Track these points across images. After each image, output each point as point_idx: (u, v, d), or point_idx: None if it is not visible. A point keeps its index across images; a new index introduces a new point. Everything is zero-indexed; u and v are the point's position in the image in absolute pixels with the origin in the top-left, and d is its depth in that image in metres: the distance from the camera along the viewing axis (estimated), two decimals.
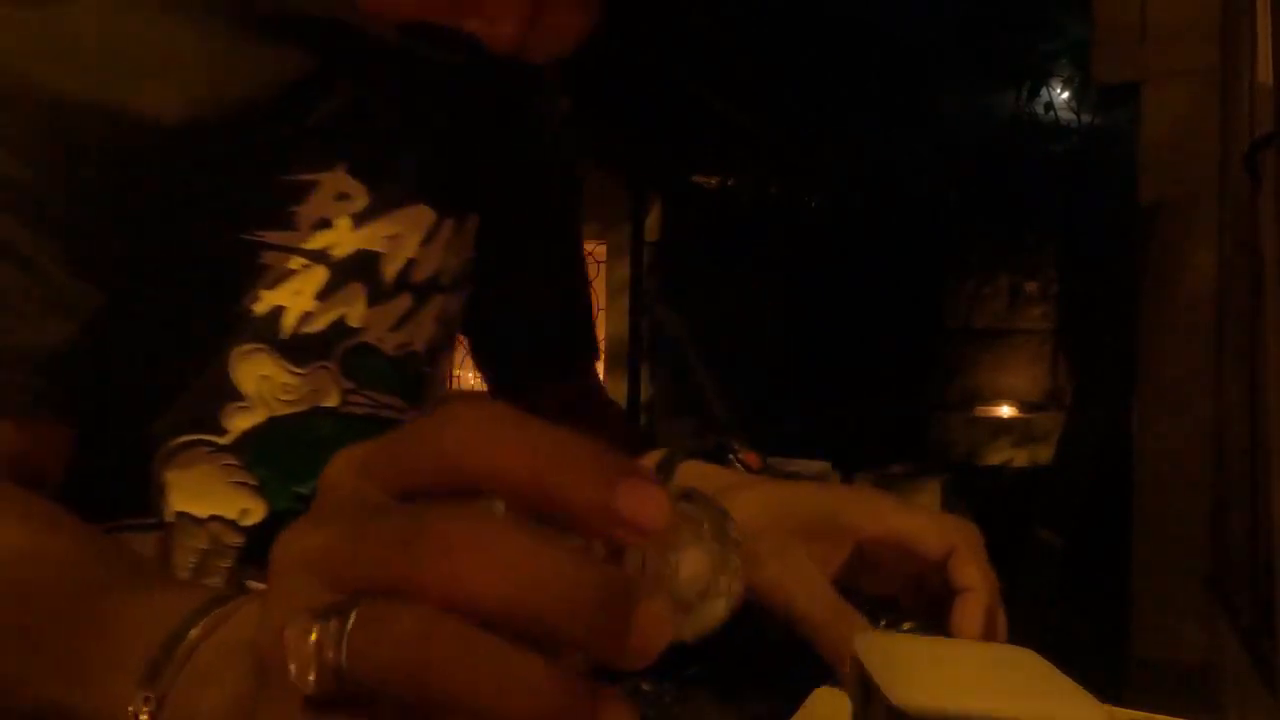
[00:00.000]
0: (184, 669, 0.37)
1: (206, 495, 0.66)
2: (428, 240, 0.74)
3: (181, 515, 0.66)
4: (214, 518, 0.66)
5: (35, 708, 0.43)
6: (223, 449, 0.66)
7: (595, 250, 5.27)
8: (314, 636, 0.26)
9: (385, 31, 0.62)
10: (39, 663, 0.43)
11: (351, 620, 0.26)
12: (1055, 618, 3.32)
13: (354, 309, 0.69)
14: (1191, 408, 2.89)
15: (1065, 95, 7.22)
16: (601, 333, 5.50)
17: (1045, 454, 5.91)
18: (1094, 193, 6.25)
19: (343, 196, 0.68)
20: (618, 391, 4.97)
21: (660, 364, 5.04)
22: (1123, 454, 3.25)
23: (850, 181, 6.81)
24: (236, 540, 0.67)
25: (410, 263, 0.73)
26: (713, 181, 6.22)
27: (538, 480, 0.27)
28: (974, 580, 0.59)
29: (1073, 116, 7.06)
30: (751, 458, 0.59)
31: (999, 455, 5.96)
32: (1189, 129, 2.96)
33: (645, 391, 4.97)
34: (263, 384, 0.66)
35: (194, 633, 0.37)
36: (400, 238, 0.72)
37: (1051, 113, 7.11)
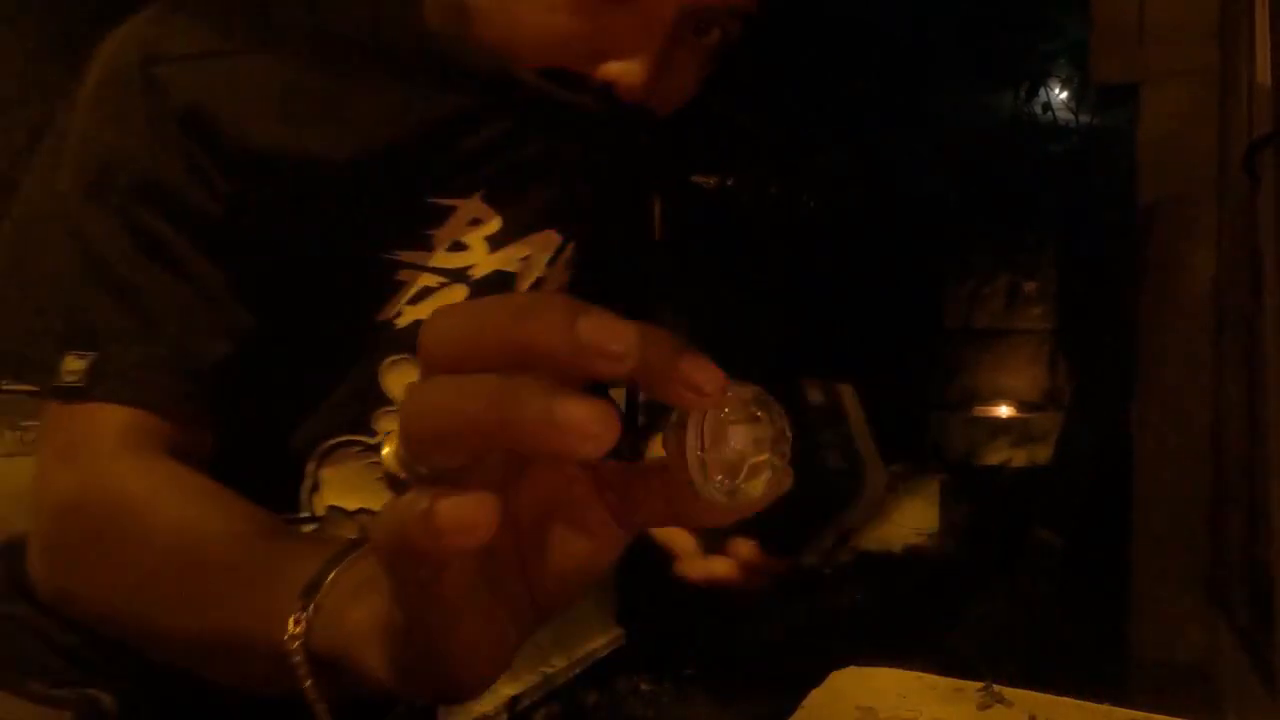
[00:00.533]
0: (334, 588, 0.45)
1: (356, 490, 0.72)
2: (553, 261, 0.81)
3: (333, 509, 0.72)
4: (362, 510, 0.72)
5: (210, 636, 0.52)
6: (372, 448, 0.72)
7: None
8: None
9: (529, 77, 0.68)
10: (215, 597, 0.52)
11: None
12: (1055, 618, 3.32)
13: None
14: (1190, 409, 2.89)
15: (1063, 95, 7.22)
16: None
17: (1044, 454, 5.90)
18: (1093, 193, 6.24)
19: (475, 221, 0.74)
20: (618, 393, 4.95)
21: None
22: (1122, 455, 3.25)
23: (849, 182, 6.80)
24: None
25: (539, 281, 0.80)
26: (711, 181, 6.21)
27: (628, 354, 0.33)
28: None
29: (1070, 117, 7.05)
30: None
31: (997, 455, 5.96)
32: (1188, 129, 2.96)
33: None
34: None
35: (340, 565, 0.46)
36: (531, 259, 0.78)
37: (1049, 113, 7.11)
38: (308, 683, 0.44)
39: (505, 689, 2.72)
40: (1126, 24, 3.05)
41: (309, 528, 0.72)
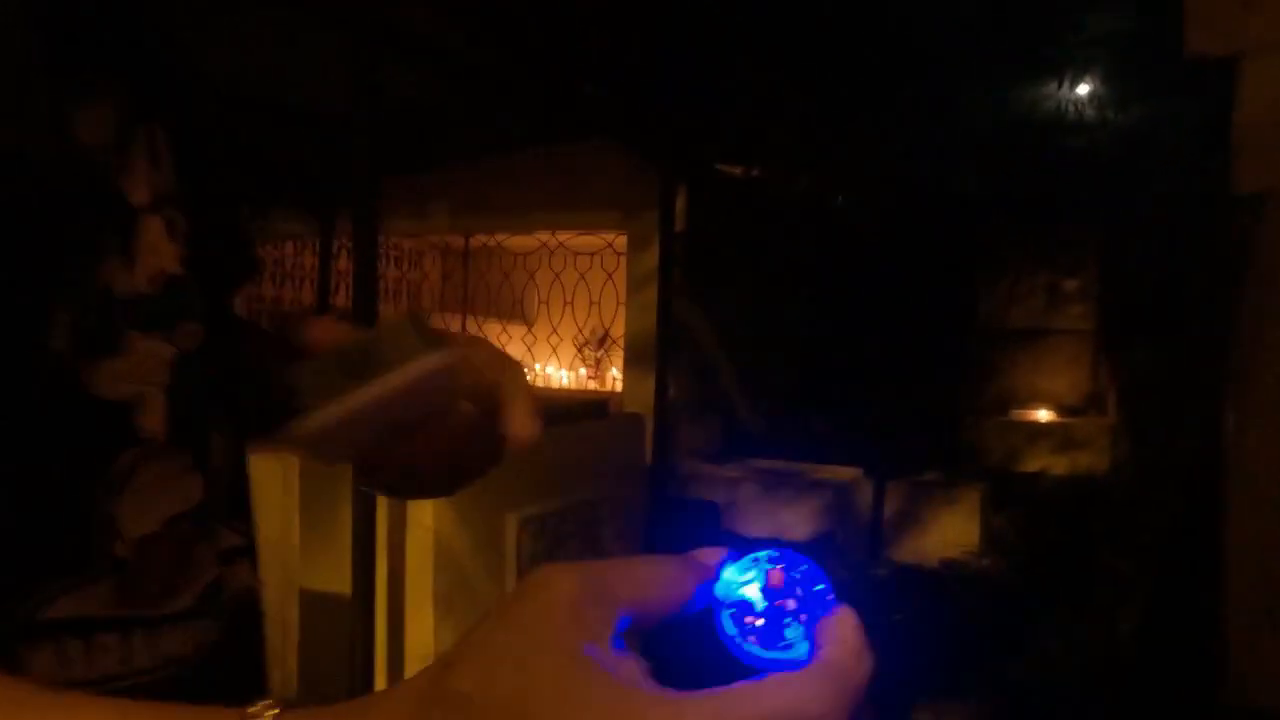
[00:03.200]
0: None
1: None
2: None
3: None
4: None
5: None
6: None
7: (616, 241, 4.89)
8: None
9: None
10: None
11: None
12: (1131, 660, 2.95)
13: None
14: None
15: (1086, 90, 6.90)
16: (619, 329, 5.11)
17: (1085, 461, 5.52)
18: (1135, 187, 5.86)
19: None
20: (642, 391, 4.59)
21: (682, 363, 4.65)
22: (1206, 472, 2.87)
23: (880, 176, 6.42)
24: None
25: None
26: (737, 170, 5.83)
27: None
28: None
29: (1096, 114, 6.72)
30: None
31: (1036, 462, 5.56)
32: None
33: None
34: None
35: None
36: None
37: (1074, 109, 6.80)
38: None
39: None
40: None
41: None
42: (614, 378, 6.45)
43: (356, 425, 0.52)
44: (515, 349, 6.73)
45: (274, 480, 1.68)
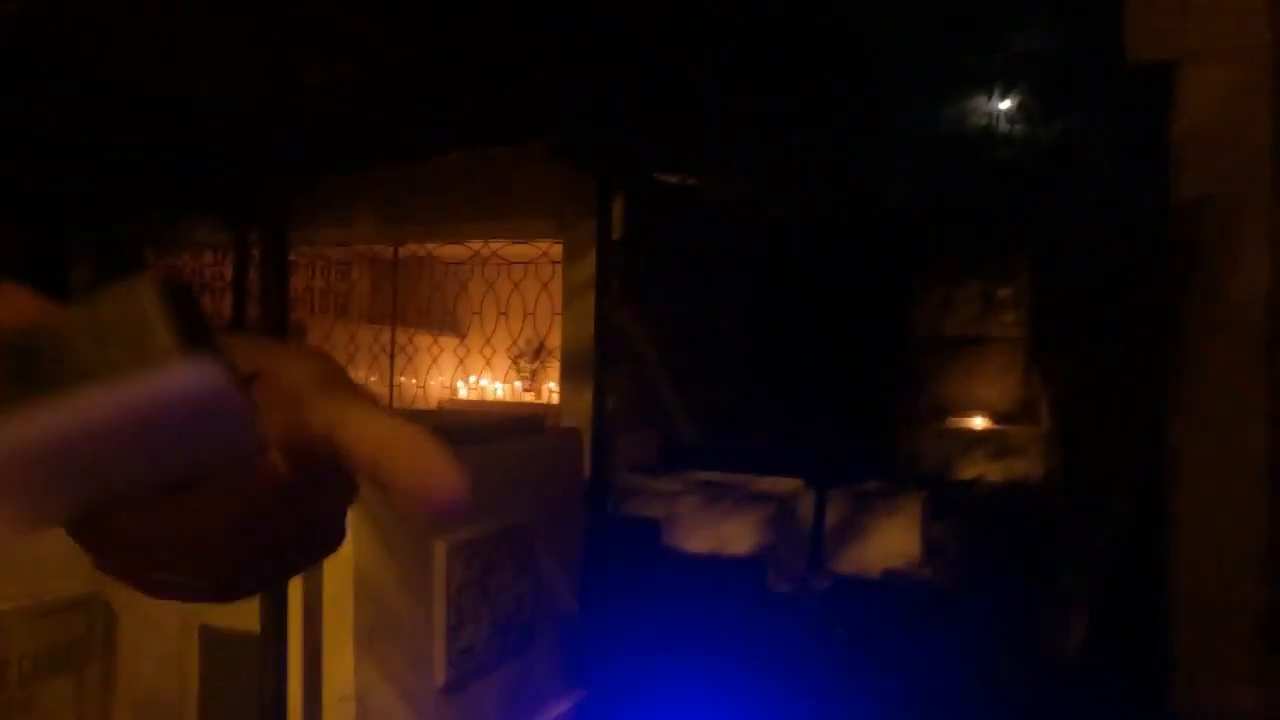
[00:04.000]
0: None
1: None
2: None
3: None
4: None
5: None
6: None
7: (550, 250, 4.75)
8: None
9: None
10: None
11: None
12: (1083, 670, 2.90)
13: None
14: (1240, 427, 2.48)
15: (1016, 102, 7.01)
16: (555, 339, 4.97)
17: (1020, 468, 5.53)
18: (1066, 195, 5.92)
19: None
20: (580, 404, 4.44)
21: (620, 374, 4.53)
22: (1150, 474, 2.84)
23: (815, 186, 6.40)
24: None
25: None
26: (675, 179, 5.74)
27: None
28: None
29: (1026, 125, 6.82)
30: None
31: (972, 469, 5.56)
32: (1235, 115, 2.56)
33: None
34: None
35: None
36: None
37: (1005, 121, 6.90)
38: None
39: None
40: None
41: None
42: (550, 390, 6.29)
43: (44, 468, 0.29)
44: (448, 361, 6.54)
45: None
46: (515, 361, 6.28)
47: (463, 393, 6.73)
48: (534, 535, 2.15)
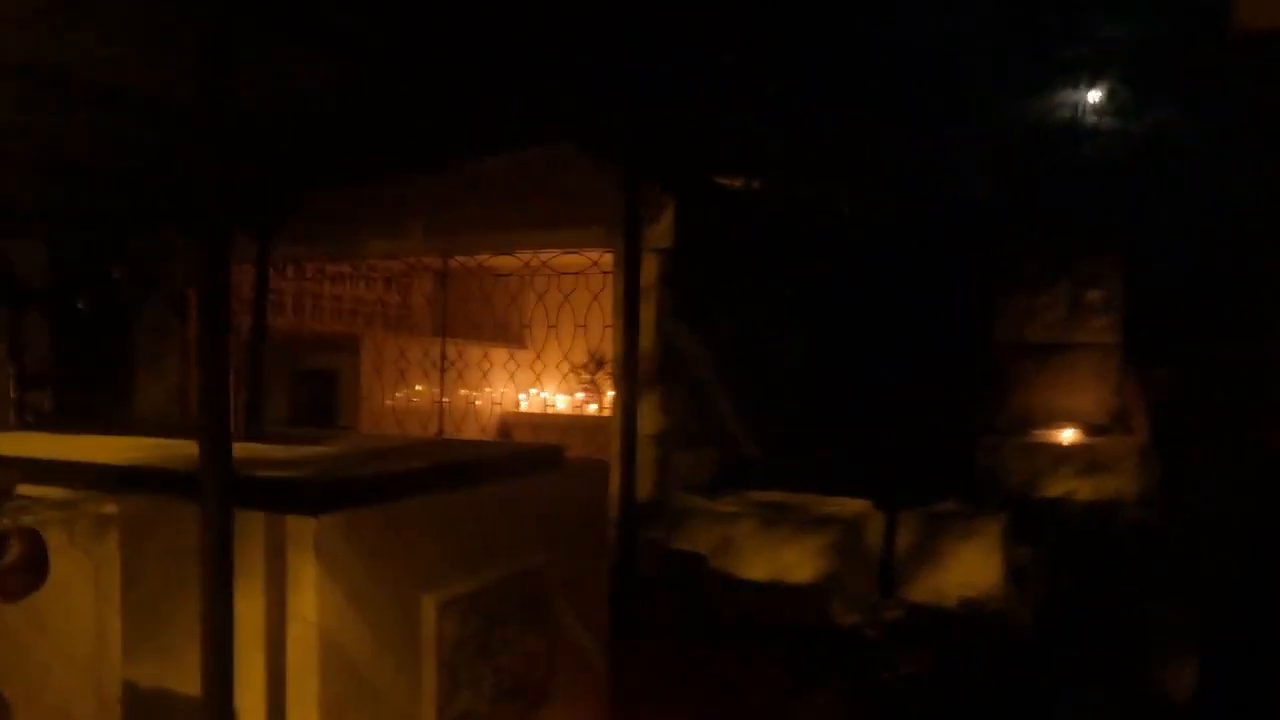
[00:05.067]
0: None
1: None
2: None
3: None
4: None
5: None
6: None
7: (601, 259, 4.50)
8: None
9: None
10: None
11: None
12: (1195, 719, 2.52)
13: None
14: None
15: (1097, 98, 6.56)
16: (609, 352, 4.71)
17: (1112, 485, 5.05)
18: (1162, 191, 5.45)
19: None
20: (639, 418, 4.18)
21: (675, 387, 4.25)
22: (1273, 503, 2.45)
23: (887, 186, 6.02)
24: None
25: None
26: (736, 183, 5.43)
27: None
28: None
29: (1113, 121, 6.35)
30: None
31: (1060, 486, 5.10)
32: None
33: (659, 420, 4.18)
34: None
35: None
36: None
37: (1093, 114, 6.45)
38: None
39: None
40: None
41: None
42: (612, 400, 6.06)
43: None
44: (524, 375, 6.36)
45: (80, 577, 1.30)
46: (576, 372, 6.06)
47: (524, 404, 6.54)
48: (548, 582, 1.90)
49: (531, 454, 2.05)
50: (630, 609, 2.31)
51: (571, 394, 6.39)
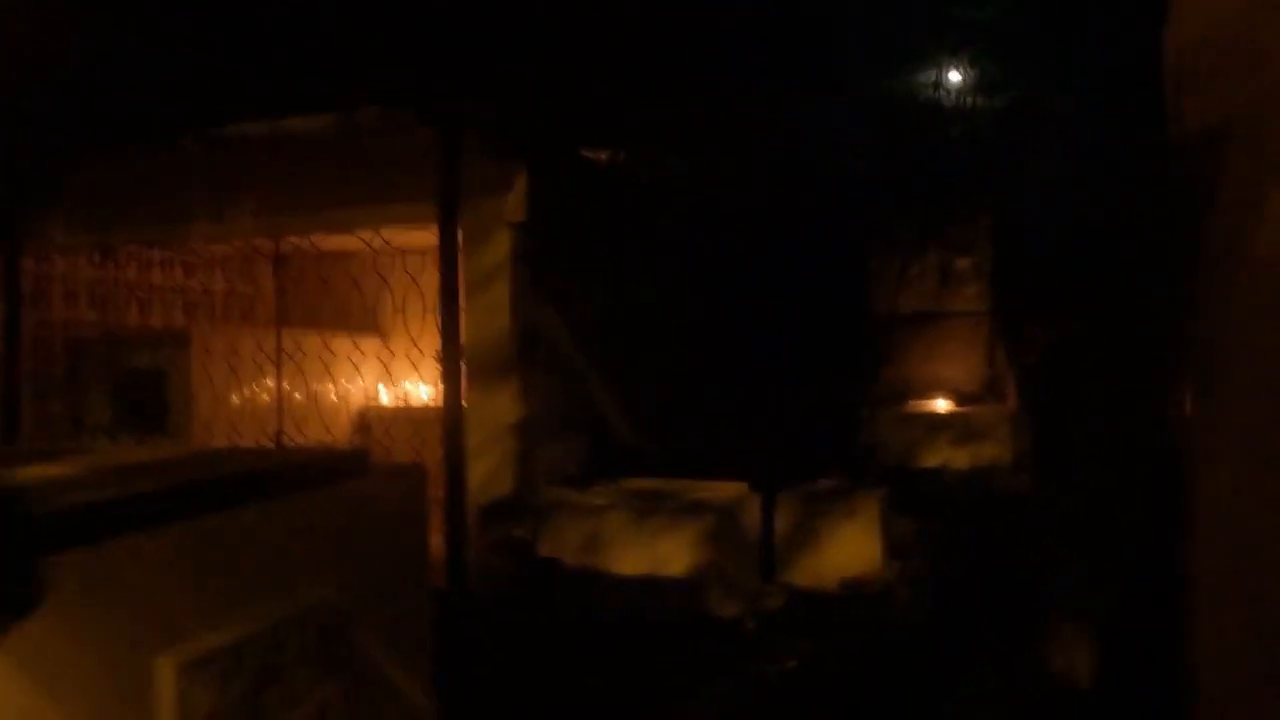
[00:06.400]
0: None
1: None
2: None
3: None
4: None
5: None
6: None
7: (418, 237, 4.10)
8: None
9: None
10: None
11: None
12: (1089, 703, 2.34)
13: None
14: (1274, 408, 1.93)
15: (965, 70, 6.57)
16: (464, 337, 4.32)
17: (989, 452, 4.97)
18: (1025, 163, 5.40)
19: None
20: (491, 408, 3.81)
21: (536, 373, 3.89)
22: (1158, 457, 2.29)
23: (761, 157, 5.80)
24: None
25: None
26: (601, 155, 5.09)
27: None
28: None
29: (980, 92, 6.35)
30: None
31: (937, 456, 4.99)
32: (1254, 16, 2.00)
33: (518, 409, 3.82)
34: None
35: None
36: None
37: (959, 88, 6.45)
38: None
39: None
40: None
41: None
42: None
43: None
44: (372, 365, 5.87)
45: None
46: (435, 359, 5.62)
47: (385, 397, 6.07)
48: (346, 618, 1.53)
49: (324, 462, 1.68)
50: (465, 627, 1.97)
51: (434, 384, 5.96)
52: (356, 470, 1.64)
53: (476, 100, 3.61)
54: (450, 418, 2.14)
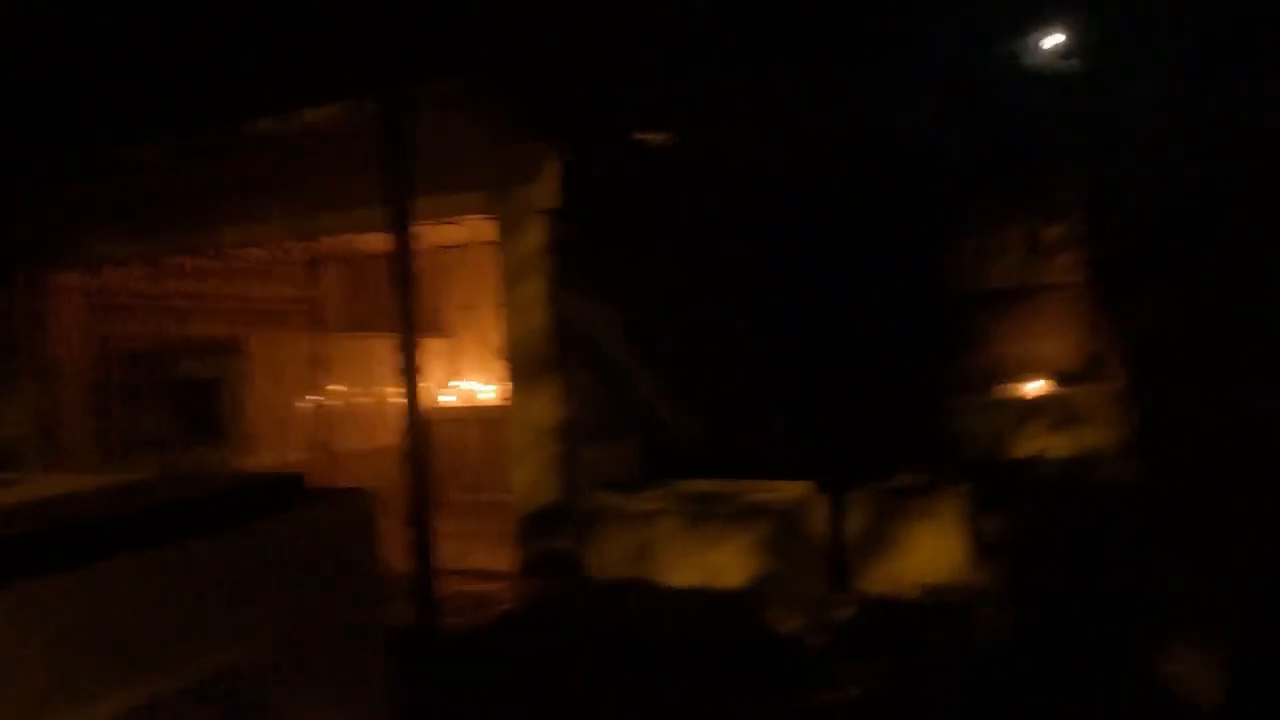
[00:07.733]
0: None
1: None
2: None
3: None
4: None
5: None
6: None
7: (480, 228, 3.86)
8: None
9: None
10: None
11: None
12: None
13: None
14: None
15: (1056, 38, 6.01)
16: (504, 334, 4.07)
17: (1091, 438, 4.45)
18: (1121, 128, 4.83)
19: None
20: (534, 409, 3.55)
21: (578, 372, 3.61)
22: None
23: (825, 134, 5.37)
24: None
25: None
26: (659, 138, 4.76)
27: None
28: None
29: (1062, 62, 5.77)
30: None
31: (1031, 444, 4.50)
32: None
33: (559, 410, 3.55)
34: None
35: None
36: None
37: (1048, 56, 5.88)
38: None
39: None
40: None
41: None
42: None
43: None
44: (439, 364, 5.71)
45: None
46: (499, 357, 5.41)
47: (451, 396, 5.91)
48: (271, 678, 1.27)
49: (247, 492, 1.42)
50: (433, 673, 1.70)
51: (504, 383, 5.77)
52: (287, 501, 1.38)
53: (503, 82, 3.35)
54: (413, 434, 1.87)
